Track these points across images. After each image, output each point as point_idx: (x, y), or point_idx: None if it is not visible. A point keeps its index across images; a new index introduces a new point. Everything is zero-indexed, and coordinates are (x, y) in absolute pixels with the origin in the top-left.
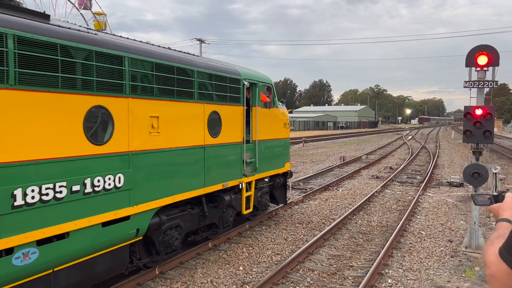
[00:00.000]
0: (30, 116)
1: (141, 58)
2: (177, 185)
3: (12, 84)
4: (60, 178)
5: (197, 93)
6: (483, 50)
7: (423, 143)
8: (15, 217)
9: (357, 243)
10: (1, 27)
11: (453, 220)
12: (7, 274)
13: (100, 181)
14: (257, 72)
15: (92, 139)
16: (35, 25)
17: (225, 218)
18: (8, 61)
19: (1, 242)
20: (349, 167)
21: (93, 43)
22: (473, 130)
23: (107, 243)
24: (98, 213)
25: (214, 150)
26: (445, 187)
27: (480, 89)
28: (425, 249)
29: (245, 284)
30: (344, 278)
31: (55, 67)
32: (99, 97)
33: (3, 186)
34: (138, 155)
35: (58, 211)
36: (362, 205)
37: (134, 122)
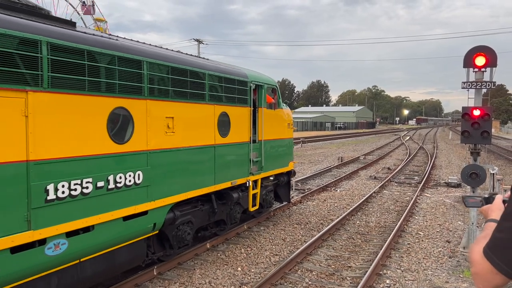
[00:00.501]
0: (61, 117)
1: (158, 62)
2: (190, 182)
3: (45, 87)
4: (86, 175)
5: (208, 95)
6: (481, 51)
7: (421, 144)
8: (47, 210)
9: (355, 243)
10: (36, 35)
11: (451, 221)
12: (41, 263)
13: (122, 177)
14: (262, 74)
15: (114, 138)
16: (65, 33)
17: (233, 215)
18: (43, 66)
19: (36, 233)
20: (347, 167)
21: (116, 48)
22: (471, 131)
23: (127, 236)
24: (120, 208)
25: (223, 149)
26: (443, 187)
27: (478, 90)
28: (423, 249)
29: (244, 285)
30: (343, 278)
31: (82, 71)
32: (121, 99)
33: (38, 182)
34: (155, 153)
35: (84, 205)
36: (360, 206)
37: (152, 123)
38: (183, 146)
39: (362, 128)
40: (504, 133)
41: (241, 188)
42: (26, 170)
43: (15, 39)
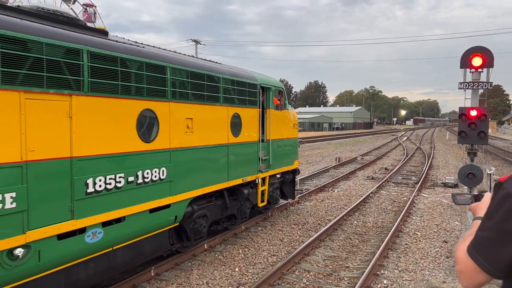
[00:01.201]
0: (98, 118)
1: (179, 67)
2: (206, 179)
3: (86, 92)
4: (119, 170)
5: (222, 97)
6: (478, 51)
7: (418, 144)
8: (87, 202)
9: (353, 244)
10: (78, 44)
11: (448, 221)
12: (81, 249)
13: (149, 173)
14: (270, 77)
15: (142, 138)
16: (101, 42)
17: (243, 210)
18: (84, 72)
19: (78, 222)
20: (344, 168)
21: (143, 55)
22: (468, 131)
23: (153, 228)
24: (147, 201)
25: (235, 148)
26: (440, 188)
27: (474, 90)
28: (421, 249)
29: (241, 285)
30: (340, 279)
31: (115, 76)
32: (148, 101)
33: (80, 176)
34: (177, 151)
35: (117, 198)
36: (358, 206)
37: (174, 123)
38: (200, 145)
39: (360, 129)
40: (501, 133)
41: (250, 185)
42: (70, 166)
43: (62, 49)
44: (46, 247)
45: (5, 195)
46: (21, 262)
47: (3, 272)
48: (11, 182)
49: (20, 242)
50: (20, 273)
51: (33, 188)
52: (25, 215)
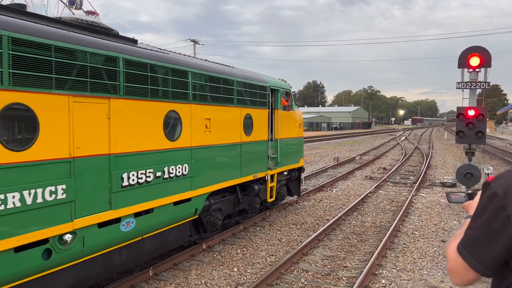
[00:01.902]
0: (131, 118)
1: (199, 72)
2: (222, 175)
3: (121, 95)
4: (149, 166)
5: (236, 99)
6: (475, 51)
7: (416, 144)
8: (122, 194)
9: (351, 243)
10: (115, 53)
11: (446, 221)
12: (117, 237)
13: (173, 169)
14: (278, 79)
15: (168, 136)
16: (135, 50)
17: (253, 205)
18: (120, 78)
19: (115, 213)
20: (343, 168)
21: (168, 61)
22: (466, 131)
23: (176, 219)
24: (172, 194)
25: (247, 146)
26: (438, 187)
27: (472, 90)
28: (419, 249)
29: (240, 285)
30: (338, 278)
31: (146, 80)
32: (173, 103)
33: (117, 171)
34: (197, 149)
35: (147, 191)
36: (356, 206)
37: (194, 123)
38: (217, 143)
39: (358, 129)
40: (499, 133)
41: (260, 181)
42: (109, 161)
43: (103, 57)
44: (89, 234)
45: (57, 186)
46: (69, 247)
47: (56, 255)
48: (62, 175)
49: (68, 229)
50: (68, 257)
51: (79, 181)
52: (73, 205)
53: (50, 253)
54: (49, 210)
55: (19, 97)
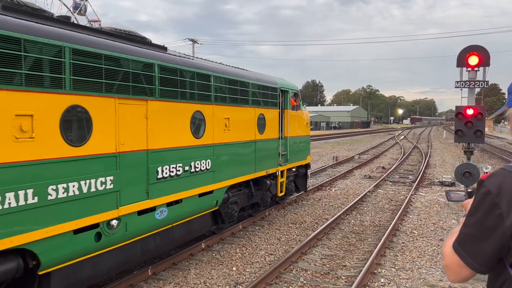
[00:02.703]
0: (164, 118)
1: (220, 75)
2: (239, 170)
3: (156, 97)
4: (179, 161)
5: (251, 100)
6: (474, 50)
7: (415, 143)
8: (157, 186)
9: (350, 242)
10: (151, 59)
11: (445, 220)
12: (152, 224)
13: (198, 164)
14: (288, 81)
15: (194, 134)
16: (167, 57)
17: (265, 199)
18: (155, 82)
19: (151, 202)
20: (342, 167)
21: (194, 66)
22: (465, 130)
23: (200, 209)
24: (197, 187)
25: (261, 144)
26: (437, 186)
27: (471, 89)
28: (418, 248)
29: (239, 284)
30: (337, 277)
31: (176, 84)
32: (198, 104)
33: (153, 165)
34: (218, 146)
35: (177, 183)
36: (355, 205)
37: (216, 122)
38: (235, 141)
39: (357, 128)
40: (497, 132)
41: (271, 177)
42: (147, 156)
43: (142, 63)
44: (131, 220)
45: (106, 178)
46: (115, 231)
47: (105, 238)
48: (110, 168)
49: (115, 215)
50: (114, 240)
51: (123, 173)
52: (118, 194)
53: (100, 236)
54: (100, 198)
55: (77, 100)
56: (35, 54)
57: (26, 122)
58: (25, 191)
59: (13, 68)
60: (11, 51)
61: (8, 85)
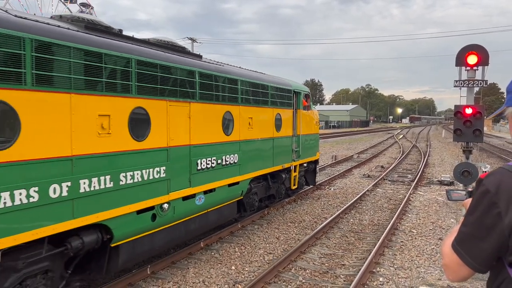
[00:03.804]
0: (202, 118)
1: (245, 80)
2: (260, 164)
3: (197, 100)
4: (213, 155)
5: (270, 101)
6: (473, 49)
7: (414, 142)
8: (197, 176)
9: (349, 241)
10: (193, 67)
11: (443, 219)
12: (193, 208)
13: (228, 158)
14: (300, 84)
15: (225, 132)
16: (204, 64)
17: (280, 191)
18: (196, 86)
19: (192, 190)
20: (340, 166)
21: (225, 72)
22: (463, 129)
23: (229, 198)
24: (227, 178)
25: (278, 141)
26: (435, 185)
27: (470, 88)
28: (416, 247)
29: (237, 283)
30: (336, 276)
31: (211, 88)
32: (228, 105)
33: (194, 158)
34: (243, 142)
35: (212, 175)
36: (354, 204)
37: (242, 121)
38: (256, 138)
39: (356, 127)
40: (496, 131)
41: (285, 171)
42: (189, 150)
43: (186, 71)
44: (177, 205)
45: (160, 168)
46: (166, 213)
47: (158, 219)
48: (163, 160)
49: (166, 199)
50: (165, 221)
51: (172, 164)
52: (169, 182)
53: (155, 217)
54: (155, 185)
55: (140, 102)
56: (111, 65)
57: (105, 121)
58: (104, 177)
59: (97, 77)
60: (96, 64)
61: (93, 91)
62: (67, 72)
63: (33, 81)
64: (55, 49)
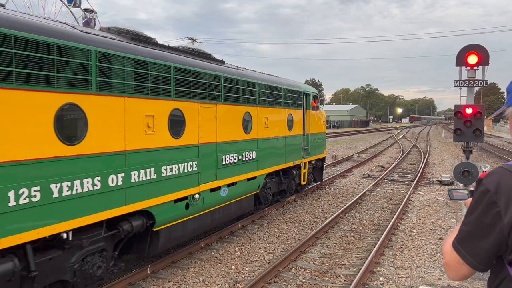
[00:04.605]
0: (225, 117)
1: (262, 83)
2: (274, 161)
3: (222, 102)
4: (235, 152)
5: (283, 102)
6: (473, 49)
7: (414, 142)
8: (222, 170)
9: (349, 241)
10: (219, 72)
11: (443, 218)
12: (218, 199)
13: (247, 154)
14: (309, 86)
15: (244, 130)
16: (228, 69)
17: (291, 187)
18: (221, 89)
19: (218, 182)
20: (341, 166)
21: (245, 76)
22: (464, 129)
23: (248, 191)
24: (246, 173)
25: (290, 139)
26: (435, 185)
27: (470, 88)
28: (416, 247)
29: (238, 283)
30: (336, 276)
31: (233, 90)
32: (248, 107)
33: (219, 154)
34: (260, 140)
35: (234, 169)
36: (354, 204)
37: (258, 121)
38: (271, 136)
39: (356, 127)
40: (496, 131)
41: (296, 167)
42: (215, 147)
43: (213, 76)
44: (206, 196)
45: (193, 162)
46: (196, 203)
47: (191, 208)
48: (195, 155)
49: (197, 190)
50: (196, 210)
51: (202, 160)
52: (199, 175)
53: (188, 206)
54: (189, 177)
55: (177, 104)
56: (155, 72)
57: (150, 121)
58: (149, 169)
59: (144, 83)
60: (143, 71)
61: (141, 94)
62: (121, 78)
63: (97, 86)
64: (113, 59)
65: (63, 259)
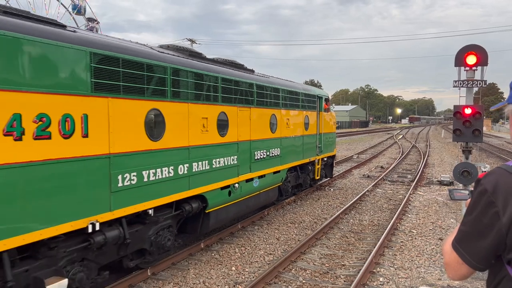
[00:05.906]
0: (257, 118)
1: (284, 88)
2: (294, 157)
3: (255, 105)
4: (264, 148)
5: (301, 105)
6: (472, 50)
7: (414, 142)
8: (254, 164)
9: (349, 242)
10: (252, 80)
11: (443, 219)
12: (252, 189)
13: (273, 151)
14: (321, 90)
15: (271, 130)
16: (258, 78)
17: (306, 181)
18: (254, 95)
19: (252, 174)
20: (340, 166)
21: (272, 83)
22: (463, 129)
23: (274, 183)
24: (273, 167)
25: (306, 138)
26: (435, 185)
27: (469, 88)
28: (416, 247)
29: (238, 284)
30: (336, 277)
31: (264, 96)
32: (273, 109)
33: (253, 150)
34: (283, 139)
35: (263, 163)
36: (354, 204)
37: (281, 122)
38: (292, 135)
39: (355, 127)
40: (495, 131)
41: (311, 163)
42: (250, 144)
43: (247, 84)
44: (243, 185)
45: (234, 157)
46: (236, 191)
47: (232, 195)
48: (235, 151)
49: (237, 180)
50: (236, 197)
51: (240, 155)
52: (238, 168)
53: (230, 193)
54: (231, 169)
55: (223, 108)
56: (208, 82)
57: (205, 122)
58: (204, 161)
59: (201, 91)
60: (200, 81)
61: (199, 100)
62: (186, 88)
63: (171, 95)
64: (181, 73)
65: (144, 231)
